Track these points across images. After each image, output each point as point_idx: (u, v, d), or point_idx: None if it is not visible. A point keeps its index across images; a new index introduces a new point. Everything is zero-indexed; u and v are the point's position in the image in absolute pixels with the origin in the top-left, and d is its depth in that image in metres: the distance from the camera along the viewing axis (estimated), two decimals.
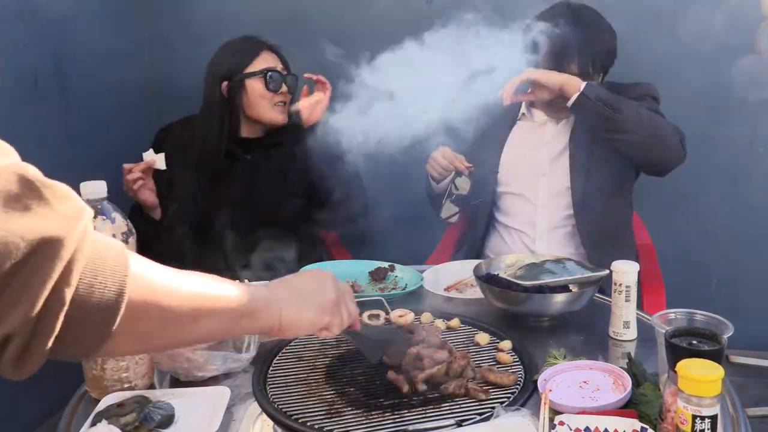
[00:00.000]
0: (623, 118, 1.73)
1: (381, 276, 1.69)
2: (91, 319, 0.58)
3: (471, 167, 1.90)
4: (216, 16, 2.79)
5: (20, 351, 0.55)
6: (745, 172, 2.53)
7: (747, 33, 2.40)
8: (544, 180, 1.97)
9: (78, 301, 0.57)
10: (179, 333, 0.73)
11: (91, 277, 0.58)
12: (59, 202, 0.57)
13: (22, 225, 0.53)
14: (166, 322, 0.70)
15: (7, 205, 0.53)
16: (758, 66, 2.41)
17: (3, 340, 0.54)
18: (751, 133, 2.50)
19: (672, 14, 2.44)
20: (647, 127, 1.74)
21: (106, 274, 0.59)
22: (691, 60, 2.46)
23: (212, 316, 0.76)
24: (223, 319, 0.79)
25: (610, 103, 1.73)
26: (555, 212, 1.95)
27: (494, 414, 1.00)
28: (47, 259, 0.54)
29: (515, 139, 2.05)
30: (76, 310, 0.57)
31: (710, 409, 0.82)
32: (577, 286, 1.44)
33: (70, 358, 0.60)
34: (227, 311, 0.79)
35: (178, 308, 0.70)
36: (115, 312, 0.60)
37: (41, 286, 0.54)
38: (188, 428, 1.02)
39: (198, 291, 0.74)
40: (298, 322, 0.93)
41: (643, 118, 1.75)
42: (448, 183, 1.94)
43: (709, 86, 2.47)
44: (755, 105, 2.46)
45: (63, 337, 0.57)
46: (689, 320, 1.07)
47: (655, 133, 1.75)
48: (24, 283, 0.53)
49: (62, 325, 0.56)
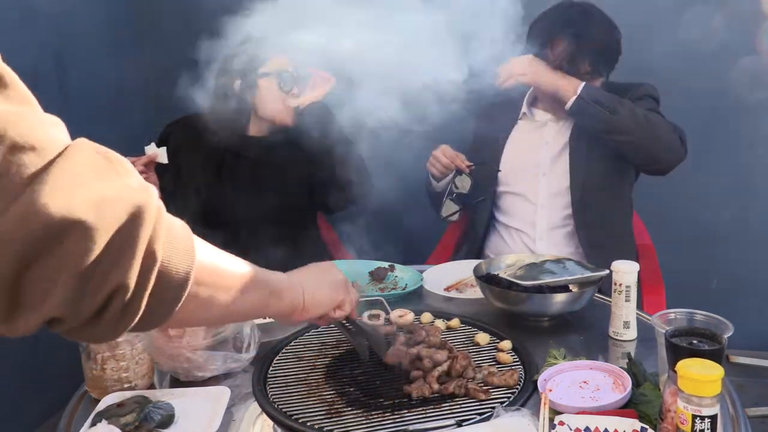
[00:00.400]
0: (620, 119, 1.74)
1: (381, 276, 1.69)
2: (165, 293, 0.63)
3: (471, 166, 1.91)
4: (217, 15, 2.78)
5: (121, 307, 0.59)
6: (745, 172, 2.53)
7: (747, 33, 2.40)
8: (545, 180, 1.97)
9: (161, 270, 0.61)
10: (225, 309, 0.78)
11: (169, 251, 0.62)
12: (129, 175, 0.61)
13: (119, 190, 0.58)
14: (217, 302, 0.75)
15: (101, 177, 0.57)
16: (758, 66, 2.41)
17: (108, 297, 0.57)
18: (751, 133, 2.50)
19: (672, 14, 2.44)
20: (644, 127, 1.75)
21: (179, 254, 0.63)
22: (691, 60, 2.46)
23: (252, 291, 0.82)
24: (257, 296, 0.85)
25: (607, 105, 1.75)
26: (555, 212, 1.95)
27: (494, 414, 1.00)
28: (139, 224, 0.58)
29: (516, 138, 2.05)
30: (158, 278, 0.61)
31: (710, 409, 0.82)
32: (577, 286, 1.44)
33: (140, 329, 0.64)
34: (261, 287, 0.86)
35: (230, 286, 0.77)
36: (183, 290, 0.64)
37: (139, 247, 0.58)
38: (188, 428, 1.02)
39: (241, 269, 0.81)
40: (319, 299, 1.02)
41: (639, 118, 1.75)
42: (449, 182, 1.94)
43: (709, 86, 2.47)
44: (755, 105, 2.46)
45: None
46: (689, 320, 1.07)
47: (652, 132, 1.76)
48: (123, 244, 0.57)
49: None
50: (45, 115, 0.59)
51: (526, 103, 2.06)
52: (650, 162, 1.85)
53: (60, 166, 0.54)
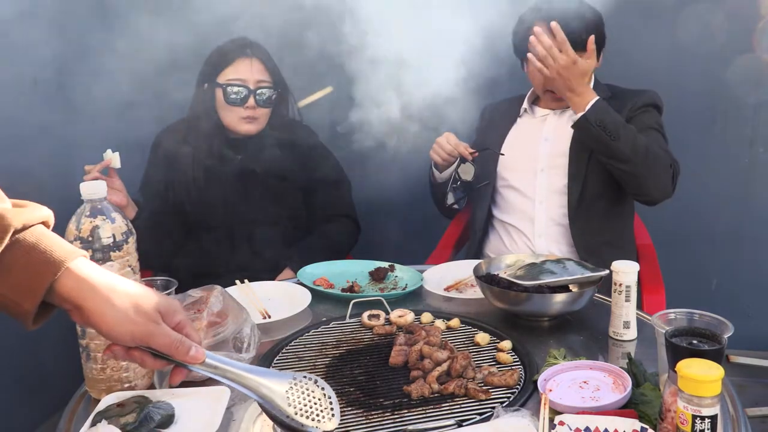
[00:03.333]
0: (619, 146, 1.73)
1: (381, 276, 1.69)
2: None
3: (475, 153, 1.92)
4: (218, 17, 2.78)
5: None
6: (745, 172, 2.53)
7: (747, 33, 2.40)
8: (543, 175, 1.97)
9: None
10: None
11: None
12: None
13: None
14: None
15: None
16: (758, 66, 2.42)
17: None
18: (751, 133, 2.50)
19: (672, 15, 2.45)
20: (642, 160, 1.74)
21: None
22: (690, 60, 2.46)
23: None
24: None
25: (610, 131, 1.73)
26: (553, 209, 1.96)
27: (494, 414, 1.00)
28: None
29: (515, 134, 2.07)
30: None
31: (710, 409, 0.82)
32: (577, 286, 1.44)
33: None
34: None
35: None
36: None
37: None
38: (188, 428, 1.02)
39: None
40: (114, 316, 0.82)
41: (639, 149, 1.74)
42: (453, 171, 1.96)
43: (709, 86, 2.47)
44: (755, 105, 2.46)
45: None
46: (689, 320, 1.07)
47: (648, 168, 1.75)
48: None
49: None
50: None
51: (528, 100, 2.08)
52: (638, 193, 1.85)
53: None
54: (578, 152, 1.92)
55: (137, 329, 0.80)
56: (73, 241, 1.05)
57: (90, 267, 0.80)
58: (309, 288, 1.59)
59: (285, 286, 1.64)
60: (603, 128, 1.73)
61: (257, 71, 1.94)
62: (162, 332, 0.82)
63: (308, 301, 1.51)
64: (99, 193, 1.09)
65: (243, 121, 1.94)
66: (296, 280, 1.68)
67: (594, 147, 1.81)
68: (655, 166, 1.76)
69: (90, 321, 0.79)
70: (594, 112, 1.75)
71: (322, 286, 1.62)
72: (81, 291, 0.78)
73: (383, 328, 1.35)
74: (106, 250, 1.07)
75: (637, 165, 1.74)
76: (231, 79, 1.92)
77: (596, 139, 1.76)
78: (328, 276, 1.68)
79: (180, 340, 0.83)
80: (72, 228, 1.07)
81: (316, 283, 1.63)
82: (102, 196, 1.09)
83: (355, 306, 1.44)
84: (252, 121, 1.95)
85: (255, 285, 1.61)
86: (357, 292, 1.58)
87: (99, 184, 1.09)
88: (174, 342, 0.82)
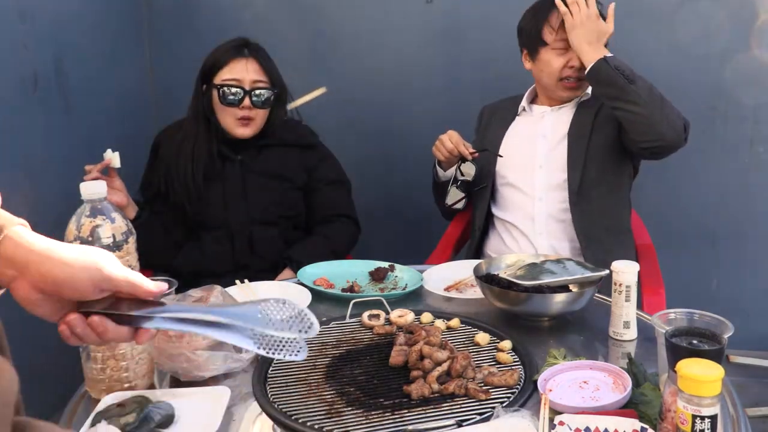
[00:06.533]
0: (636, 89, 1.76)
1: (381, 276, 1.69)
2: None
3: (476, 153, 1.95)
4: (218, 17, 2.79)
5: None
6: (745, 172, 2.53)
7: (746, 33, 2.40)
8: (541, 172, 1.98)
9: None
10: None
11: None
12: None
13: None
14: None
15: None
16: (757, 66, 2.42)
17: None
18: (751, 133, 2.50)
19: (671, 14, 2.45)
20: (657, 103, 1.77)
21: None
22: (690, 60, 2.46)
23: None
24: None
25: (627, 74, 1.77)
26: (553, 205, 1.96)
27: (494, 414, 1.00)
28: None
29: (514, 131, 2.08)
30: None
31: (710, 409, 0.82)
32: (577, 286, 1.44)
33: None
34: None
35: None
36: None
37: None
38: (188, 428, 1.02)
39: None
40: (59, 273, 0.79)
41: (654, 93, 1.78)
42: (454, 170, 1.99)
43: (709, 86, 2.47)
44: (755, 105, 2.46)
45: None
46: (689, 320, 1.07)
47: (662, 110, 1.78)
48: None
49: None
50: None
51: (526, 99, 2.09)
52: (652, 138, 1.79)
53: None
54: (577, 138, 1.93)
55: (94, 275, 0.78)
56: (73, 241, 1.05)
57: (30, 233, 0.78)
58: (309, 288, 1.59)
59: (285, 286, 1.64)
60: (621, 71, 1.77)
61: (253, 71, 1.94)
62: (118, 273, 0.79)
63: (308, 301, 1.51)
64: (99, 193, 1.09)
65: (238, 124, 1.94)
66: (296, 280, 1.68)
67: (607, 93, 1.82)
68: (669, 110, 1.79)
69: (39, 284, 0.76)
70: (612, 59, 1.80)
71: (322, 286, 1.62)
72: (25, 253, 0.75)
73: (383, 328, 1.35)
74: (106, 250, 1.07)
75: (653, 107, 1.76)
76: (226, 80, 1.92)
77: (612, 82, 1.78)
78: (328, 276, 1.68)
79: (137, 274, 0.81)
80: (72, 228, 1.07)
81: (316, 283, 1.63)
82: (102, 196, 1.09)
83: (355, 306, 1.44)
84: (247, 123, 1.95)
85: (255, 285, 1.61)
86: (357, 292, 1.58)
87: (99, 184, 1.09)
88: (133, 276, 0.80)
